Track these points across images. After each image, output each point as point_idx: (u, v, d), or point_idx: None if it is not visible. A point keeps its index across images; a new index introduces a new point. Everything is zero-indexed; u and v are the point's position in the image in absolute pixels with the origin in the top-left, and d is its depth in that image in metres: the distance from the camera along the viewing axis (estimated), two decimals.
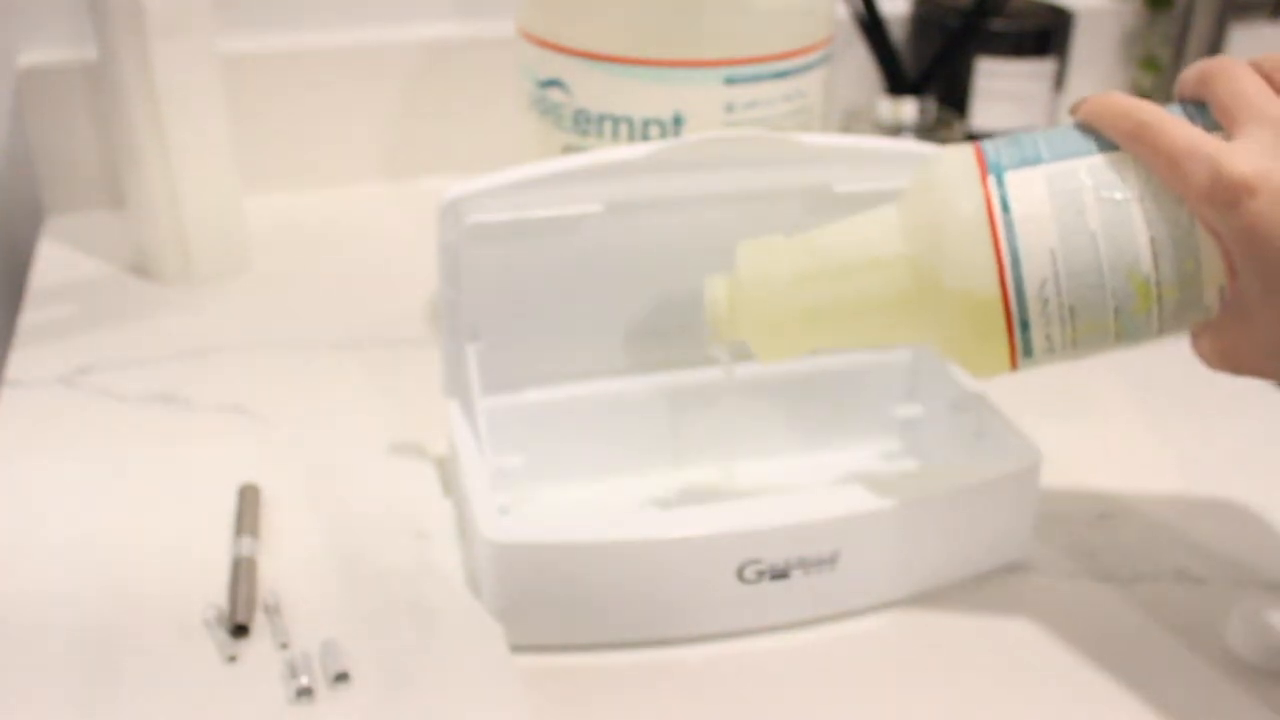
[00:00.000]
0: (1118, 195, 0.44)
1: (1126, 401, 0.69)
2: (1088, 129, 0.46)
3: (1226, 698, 0.49)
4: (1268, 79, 0.43)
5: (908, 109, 0.86)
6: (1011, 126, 0.92)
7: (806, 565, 0.51)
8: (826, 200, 0.57)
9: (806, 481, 0.60)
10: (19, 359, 0.69)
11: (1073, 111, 0.46)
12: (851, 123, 0.90)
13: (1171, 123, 0.43)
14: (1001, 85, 0.91)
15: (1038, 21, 0.91)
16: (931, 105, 0.87)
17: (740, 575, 0.50)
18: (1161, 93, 1.01)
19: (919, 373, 0.63)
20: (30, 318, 0.73)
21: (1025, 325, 0.45)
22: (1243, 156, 0.41)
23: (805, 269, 0.50)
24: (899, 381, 0.63)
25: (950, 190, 0.46)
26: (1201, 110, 0.44)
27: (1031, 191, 0.45)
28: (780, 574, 0.51)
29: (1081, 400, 0.68)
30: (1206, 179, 0.41)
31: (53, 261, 0.80)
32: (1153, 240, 0.43)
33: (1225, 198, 0.41)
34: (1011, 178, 0.45)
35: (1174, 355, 0.73)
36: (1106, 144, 0.45)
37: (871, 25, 0.85)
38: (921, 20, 0.96)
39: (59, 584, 0.53)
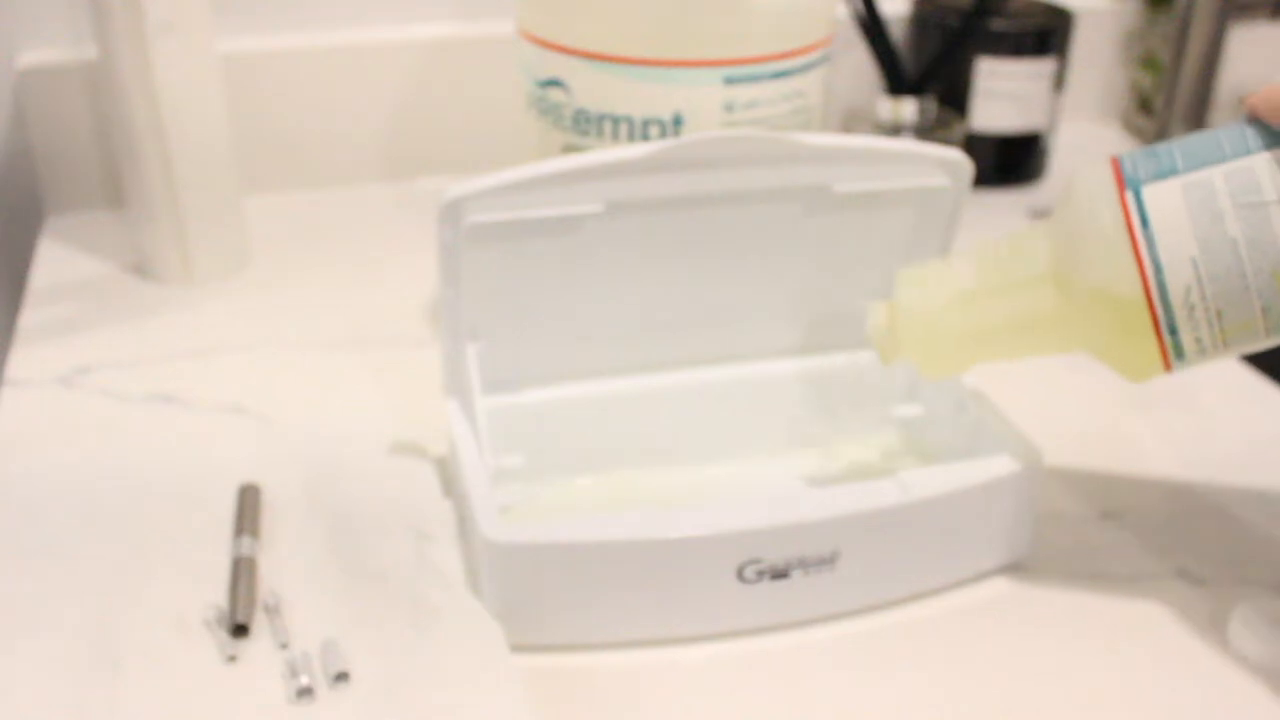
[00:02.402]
0: (1254, 199, 0.45)
1: (1127, 401, 0.69)
2: (1251, 122, 0.46)
3: (1227, 698, 0.49)
4: None
5: (908, 109, 0.86)
6: (1012, 126, 0.92)
7: (806, 565, 0.51)
8: (826, 200, 0.57)
9: (806, 481, 0.60)
10: (19, 359, 0.69)
11: (1243, 103, 0.47)
12: (851, 123, 0.90)
13: None
14: (1001, 85, 0.91)
15: (1038, 21, 0.91)
16: (931, 105, 0.87)
17: (740, 575, 0.50)
18: (1162, 93, 1.01)
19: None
20: (30, 317, 0.73)
21: (1174, 331, 0.47)
22: None
23: (961, 292, 0.52)
24: (899, 381, 0.63)
25: (1090, 208, 0.48)
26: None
27: (1169, 203, 0.46)
28: (780, 574, 0.51)
29: (1082, 400, 0.68)
30: None
31: (53, 261, 0.80)
32: None
33: None
34: (1148, 191, 0.47)
35: None
36: (1263, 140, 0.46)
37: (871, 25, 0.85)
38: (921, 20, 0.96)
39: (59, 584, 0.53)
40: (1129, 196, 0.47)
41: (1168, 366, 0.48)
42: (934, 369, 0.54)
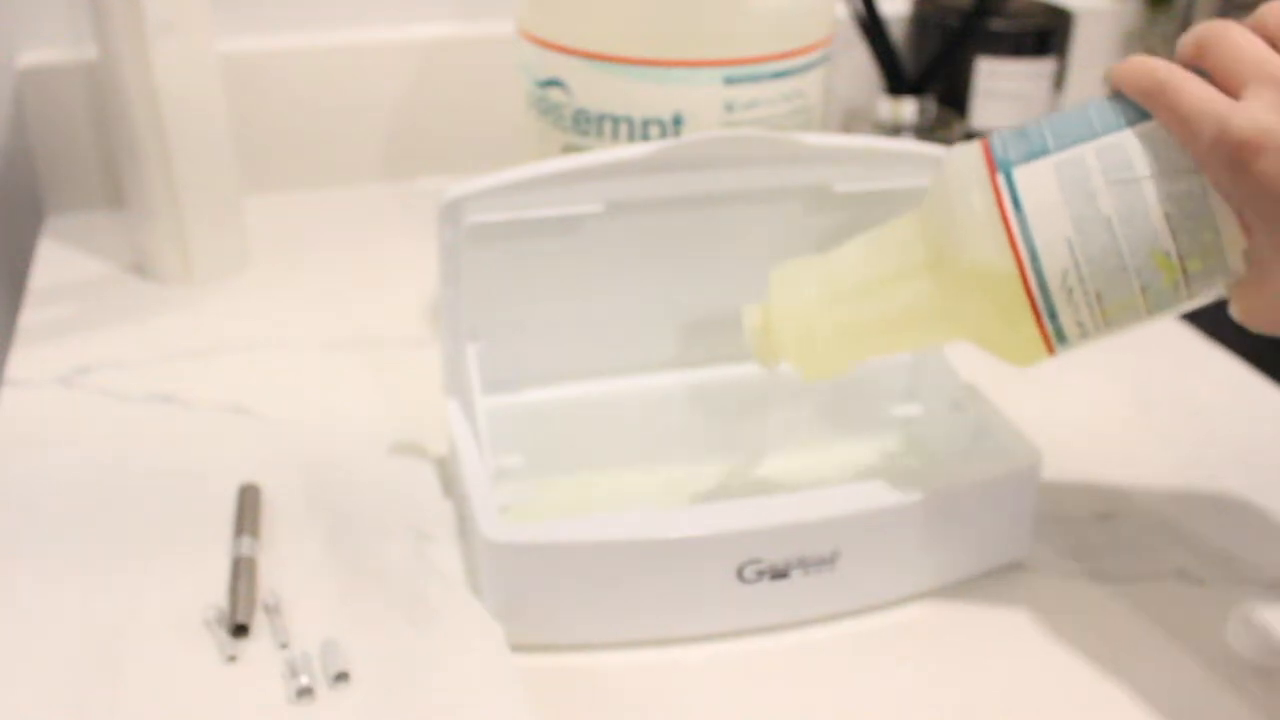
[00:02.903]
0: (1127, 176, 0.44)
1: (1127, 401, 0.69)
2: (1117, 96, 0.45)
3: (1226, 698, 0.49)
4: (1268, 39, 0.43)
5: (908, 109, 0.86)
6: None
7: (806, 565, 0.51)
8: (826, 200, 0.57)
9: (806, 481, 0.60)
10: (19, 359, 0.69)
11: (1105, 78, 0.46)
12: (851, 123, 0.90)
13: (1187, 80, 0.43)
14: (1001, 85, 0.91)
15: (1038, 21, 0.91)
16: (931, 105, 0.87)
17: (740, 575, 0.50)
18: None
19: (919, 372, 0.63)
20: (30, 317, 0.73)
21: (1053, 315, 0.45)
22: (1248, 115, 0.41)
23: (834, 289, 0.51)
24: (899, 381, 0.63)
25: (962, 193, 0.46)
26: (1204, 77, 0.44)
27: (1041, 183, 0.45)
28: (780, 574, 0.51)
29: (1081, 399, 0.68)
30: (1213, 139, 0.41)
31: (53, 261, 0.80)
32: (1168, 215, 0.43)
33: (1233, 157, 0.41)
34: (1020, 172, 0.45)
35: (1175, 355, 0.73)
36: (1130, 115, 0.45)
37: (871, 25, 0.85)
38: (921, 20, 0.96)
39: (59, 584, 0.53)
40: (1000, 179, 0.45)
41: (1050, 350, 0.47)
42: (814, 370, 0.52)
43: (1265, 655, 0.51)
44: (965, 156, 0.47)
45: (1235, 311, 0.45)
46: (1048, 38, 0.90)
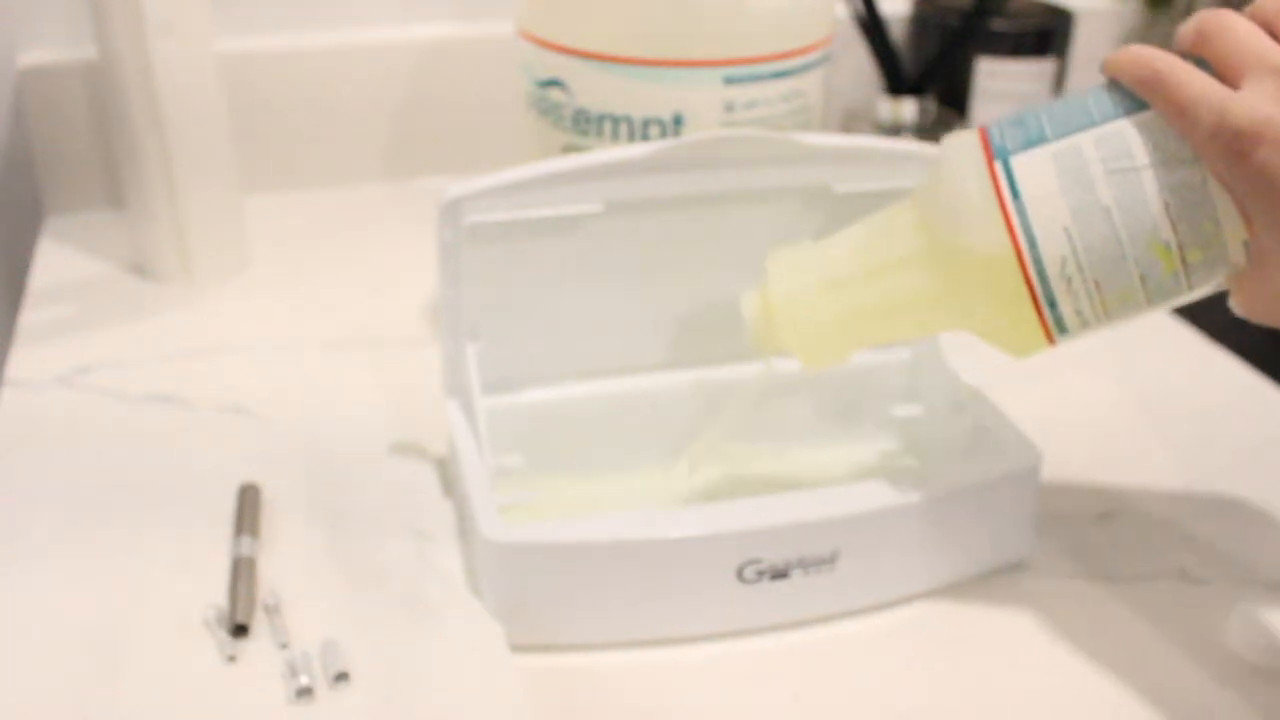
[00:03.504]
0: (1125, 165, 0.43)
1: (1127, 401, 0.69)
2: (1114, 85, 0.45)
3: (1227, 698, 0.49)
4: (1267, 28, 0.43)
5: (908, 109, 0.86)
6: None
7: (806, 565, 0.51)
8: (826, 200, 0.57)
9: (806, 481, 0.60)
10: (19, 359, 0.69)
11: (1102, 68, 0.46)
12: (851, 123, 0.90)
13: (1185, 71, 0.43)
14: (1001, 85, 0.91)
15: (1038, 21, 0.91)
16: (931, 105, 0.87)
17: (740, 575, 0.50)
18: None
19: (919, 373, 0.63)
20: (30, 318, 0.73)
21: (1053, 304, 0.45)
22: (1246, 105, 0.41)
23: (831, 276, 0.50)
24: (899, 381, 0.63)
25: (959, 181, 0.46)
26: (1202, 66, 0.44)
27: (1039, 172, 0.44)
28: (780, 574, 0.51)
29: (1081, 399, 0.68)
30: (1211, 129, 0.41)
31: (52, 261, 0.80)
32: (1167, 205, 0.43)
33: (1231, 148, 0.41)
34: (1017, 160, 0.45)
35: (1175, 355, 0.73)
36: (1129, 104, 0.44)
37: (871, 25, 0.85)
38: (921, 20, 0.96)
39: (59, 584, 0.53)
40: (998, 167, 0.45)
41: (1050, 341, 0.47)
42: (813, 358, 0.52)
43: (1266, 655, 0.51)
44: (962, 144, 0.47)
45: (1235, 303, 0.45)
46: (1048, 38, 0.90)
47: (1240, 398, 0.70)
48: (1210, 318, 0.58)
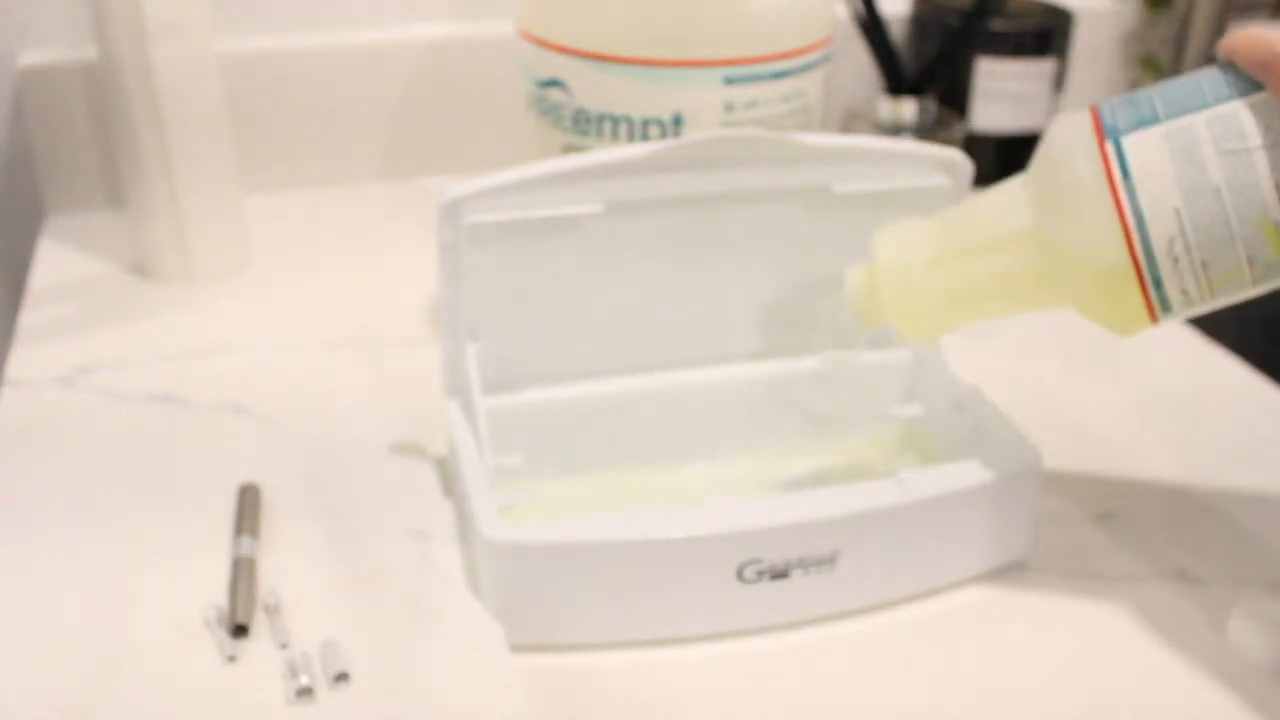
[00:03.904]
0: (1238, 146, 0.43)
1: (1127, 401, 0.69)
2: (1228, 67, 0.45)
3: (1228, 699, 0.49)
4: None
5: (907, 109, 0.86)
6: (1011, 127, 0.92)
7: (806, 565, 0.51)
8: (826, 200, 0.57)
9: (807, 481, 0.60)
10: (19, 359, 0.69)
11: (1218, 49, 0.46)
12: (851, 123, 0.90)
13: None
14: (1001, 85, 0.91)
15: (1038, 21, 0.91)
16: (931, 105, 0.87)
17: (740, 575, 0.50)
18: None
19: (919, 372, 0.63)
20: (30, 318, 0.73)
21: (1159, 283, 0.45)
22: None
23: (939, 250, 0.50)
24: (899, 381, 0.63)
25: (1069, 160, 0.46)
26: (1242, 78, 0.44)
27: (1150, 152, 0.45)
28: (780, 574, 0.51)
29: (1081, 399, 0.68)
30: None
31: (52, 261, 0.80)
32: (1278, 186, 0.43)
33: None
34: (1129, 140, 0.45)
35: (1175, 355, 0.73)
36: (1244, 85, 0.44)
37: (871, 25, 0.85)
38: (921, 20, 0.96)
39: (58, 584, 0.53)
40: (1109, 146, 0.45)
41: (1154, 319, 0.47)
42: (916, 330, 0.52)
43: (1266, 655, 0.50)
44: (1074, 123, 0.47)
45: None
46: (1048, 38, 0.90)
47: (1240, 397, 0.70)
48: (1210, 317, 0.58)
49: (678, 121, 0.62)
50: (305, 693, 0.47)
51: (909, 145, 0.57)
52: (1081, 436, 0.65)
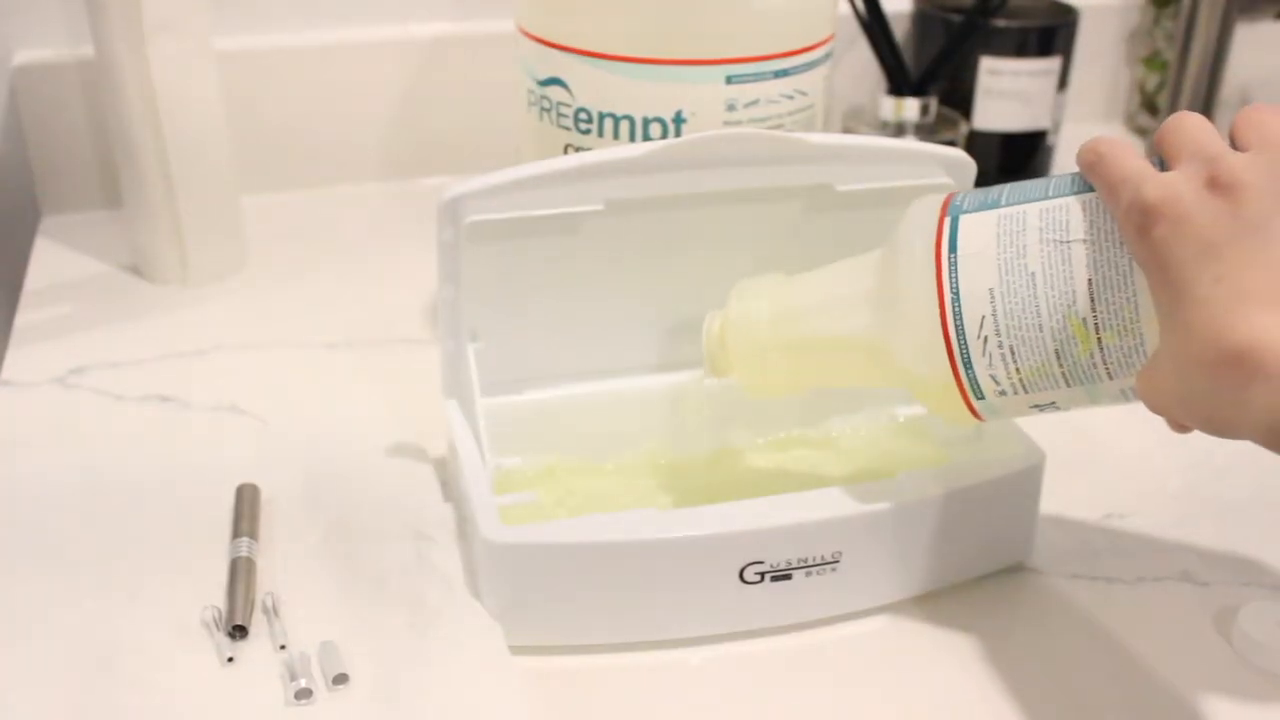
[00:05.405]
0: (1060, 237, 0.44)
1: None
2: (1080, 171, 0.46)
3: (1231, 701, 0.49)
4: (1231, 132, 0.42)
5: (910, 108, 0.86)
6: (1014, 126, 0.92)
7: (808, 566, 0.51)
8: (828, 200, 0.57)
9: (808, 482, 0.60)
10: (15, 359, 0.68)
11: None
12: (853, 122, 0.90)
13: (1124, 153, 0.43)
14: (1005, 84, 0.91)
15: (1041, 20, 0.90)
16: (934, 104, 0.87)
17: (742, 576, 0.50)
18: (1166, 92, 1.01)
19: None
20: (26, 318, 0.73)
21: (968, 363, 0.46)
22: (1159, 182, 0.40)
23: (782, 307, 0.52)
24: None
25: (909, 234, 0.47)
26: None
27: (980, 232, 0.46)
28: (782, 575, 0.50)
29: None
30: (1127, 204, 0.41)
31: (49, 261, 0.79)
32: (1091, 282, 0.43)
33: (1138, 223, 0.41)
34: (965, 219, 0.46)
35: None
36: (1082, 185, 0.45)
37: (874, 24, 0.85)
38: (924, 19, 0.95)
39: (57, 585, 0.53)
40: (946, 222, 0.46)
41: (970, 408, 0.47)
42: (757, 386, 0.53)
43: (1270, 657, 0.50)
44: (927, 202, 0.48)
45: (1137, 389, 0.44)
46: (1051, 36, 0.90)
47: None
48: None
49: (679, 120, 0.61)
50: (304, 694, 0.47)
51: (911, 144, 0.57)
52: (1084, 437, 0.65)
